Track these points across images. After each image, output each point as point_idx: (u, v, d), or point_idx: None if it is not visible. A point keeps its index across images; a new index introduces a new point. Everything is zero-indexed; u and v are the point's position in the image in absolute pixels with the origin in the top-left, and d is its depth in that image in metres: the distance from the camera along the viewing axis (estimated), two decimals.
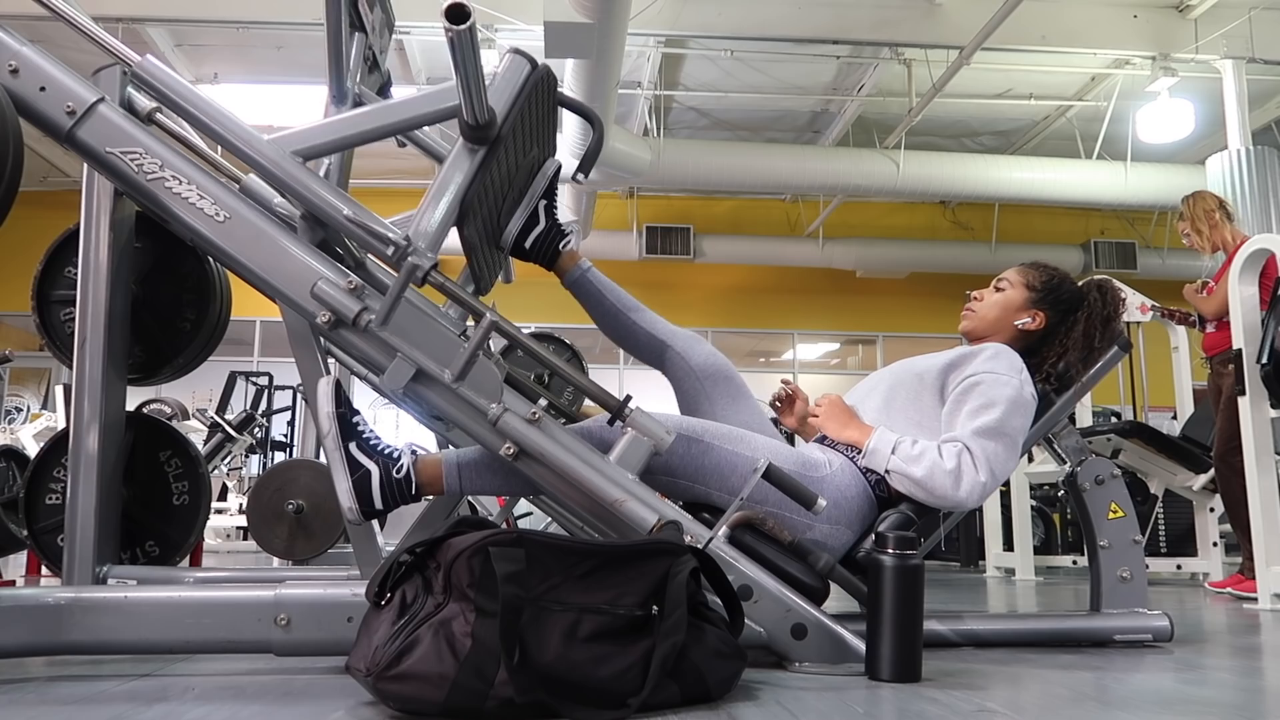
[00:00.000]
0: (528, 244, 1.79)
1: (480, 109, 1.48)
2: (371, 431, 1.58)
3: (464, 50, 1.33)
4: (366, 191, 8.73)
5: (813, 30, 6.81)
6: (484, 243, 1.69)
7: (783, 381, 2.05)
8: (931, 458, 1.69)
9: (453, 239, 1.55)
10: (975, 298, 2.03)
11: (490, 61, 7.11)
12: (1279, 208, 6.45)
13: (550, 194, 1.82)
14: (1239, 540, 3.59)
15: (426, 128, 1.73)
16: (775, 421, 2.02)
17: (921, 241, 10.16)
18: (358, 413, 1.59)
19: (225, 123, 1.53)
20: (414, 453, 1.59)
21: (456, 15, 1.27)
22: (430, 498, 1.79)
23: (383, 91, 2.05)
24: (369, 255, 1.75)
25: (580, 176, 1.82)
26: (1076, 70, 7.59)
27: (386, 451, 1.57)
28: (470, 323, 1.67)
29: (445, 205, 1.54)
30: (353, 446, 1.55)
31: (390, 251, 1.47)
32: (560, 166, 1.84)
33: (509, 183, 1.70)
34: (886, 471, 1.72)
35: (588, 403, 3.17)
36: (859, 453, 1.76)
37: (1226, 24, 6.64)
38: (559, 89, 1.77)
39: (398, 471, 1.56)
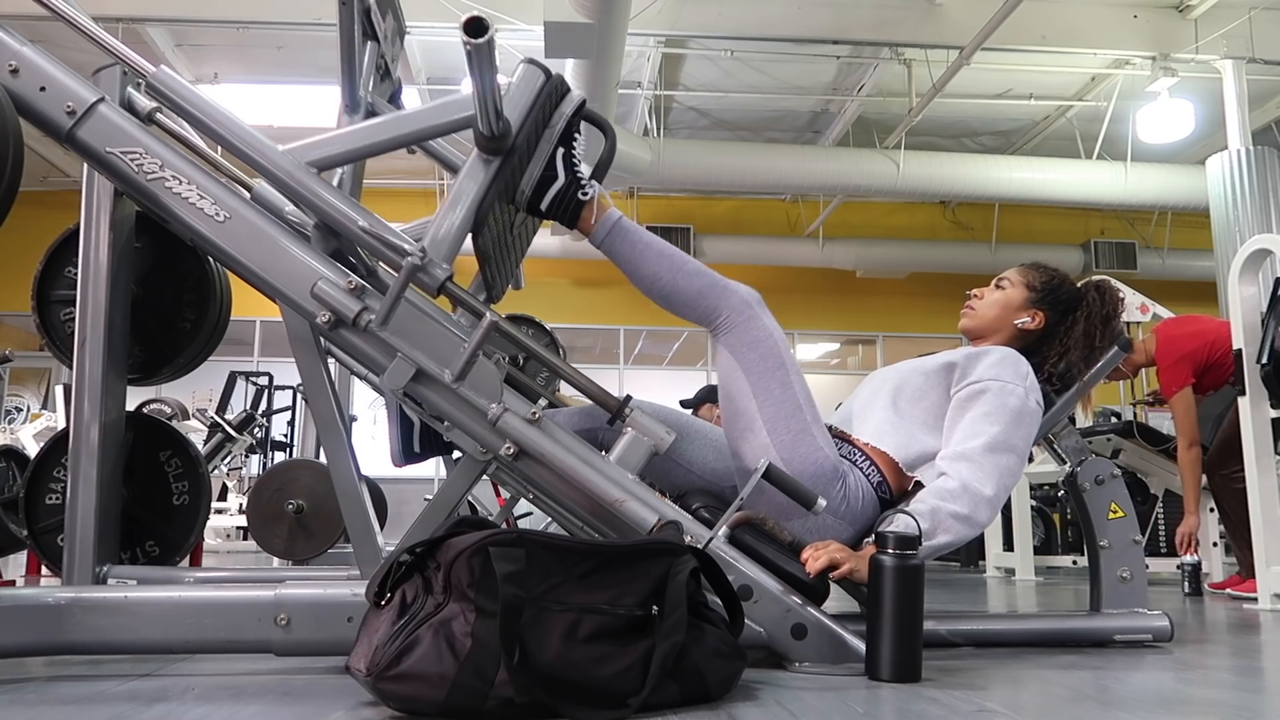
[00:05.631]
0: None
1: (496, 120, 1.48)
2: (581, 159, 1.65)
3: (482, 63, 1.34)
4: (365, 191, 8.72)
5: (813, 30, 6.81)
6: (497, 252, 1.68)
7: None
8: (936, 504, 1.60)
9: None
10: (976, 296, 2.03)
11: None
12: (1279, 208, 6.45)
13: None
14: (1236, 549, 3.59)
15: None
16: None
17: (921, 241, 10.16)
18: (579, 135, 1.66)
19: (239, 132, 1.52)
20: (595, 185, 1.67)
21: (476, 29, 1.27)
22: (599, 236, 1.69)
23: (394, 99, 2.05)
24: (380, 263, 1.74)
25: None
26: (1076, 70, 7.58)
27: (579, 176, 1.64)
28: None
29: (460, 216, 1.54)
30: (560, 152, 1.62)
31: (406, 263, 1.47)
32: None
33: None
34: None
35: (564, 389, 3.15)
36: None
37: (1226, 24, 6.64)
38: None
39: (582, 195, 1.63)
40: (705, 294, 1.68)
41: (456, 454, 2.10)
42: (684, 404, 6.20)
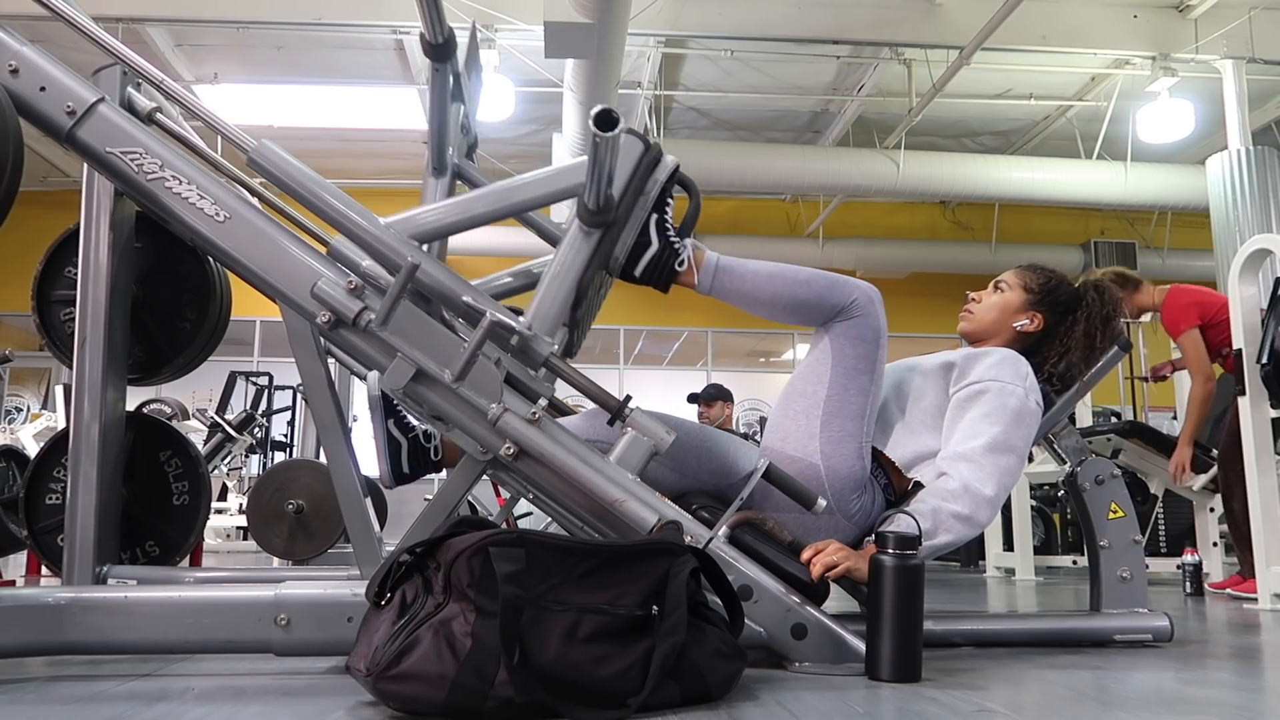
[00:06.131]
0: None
1: (604, 196, 1.51)
2: (672, 224, 1.66)
3: (607, 152, 1.39)
4: (365, 191, 8.72)
5: (813, 30, 6.80)
6: (585, 314, 1.69)
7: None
8: (937, 504, 1.60)
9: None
10: (974, 299, 2.03)
11: (489, 62, 7.02)
12: (1279, 208, 6.45)
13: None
14: (1238, 549, 3.59)
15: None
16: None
17: (921, 241, 10.15)
18: (671, 200, 1.65)
19: (340, 206, 1.53)
20: (688, 246, 1.66)
21: (605, 122, 1.33)
22: None
23: (470, 153, 2.06)
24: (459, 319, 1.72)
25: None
26: (1076, 70, 7.58)
27: (673, 242, 1.64)
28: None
29: (564, 290, 1.56)
30: (654, 218, 1.63)
31: (514, 340, 1.50)
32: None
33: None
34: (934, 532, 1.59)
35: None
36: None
37: (1226, 24, 6.64)
38: None
39: (679, 265, 1.65)
40: (826, 296, 1.71)
41: None
42: (692, 398, 6.18)
